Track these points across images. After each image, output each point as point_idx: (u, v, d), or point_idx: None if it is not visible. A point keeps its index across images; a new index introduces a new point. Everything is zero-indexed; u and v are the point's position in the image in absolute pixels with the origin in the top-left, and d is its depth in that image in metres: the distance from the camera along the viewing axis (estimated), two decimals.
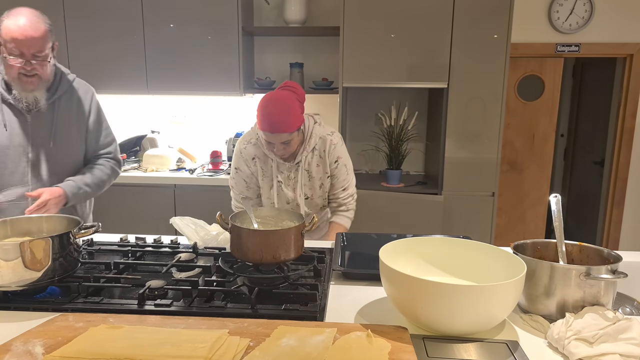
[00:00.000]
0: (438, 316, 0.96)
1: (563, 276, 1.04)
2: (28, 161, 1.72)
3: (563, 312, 1.04)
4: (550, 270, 1.05)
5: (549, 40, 3.53)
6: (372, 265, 1.42)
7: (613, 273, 1.02)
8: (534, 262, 1.08)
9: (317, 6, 3.43)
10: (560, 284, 1.04)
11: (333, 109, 3.49)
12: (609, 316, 0.96)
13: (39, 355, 0.89)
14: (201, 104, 3.64)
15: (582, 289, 1.03)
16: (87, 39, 3.21)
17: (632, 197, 3.76)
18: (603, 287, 1.03)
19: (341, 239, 1.60)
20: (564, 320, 0.97)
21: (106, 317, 1.05)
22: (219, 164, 3.29)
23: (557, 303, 1.05)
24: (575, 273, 1.02)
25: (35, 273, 1.13)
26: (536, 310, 1.08)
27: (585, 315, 0.97)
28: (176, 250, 1.51)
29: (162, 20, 3.18)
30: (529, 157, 3.95)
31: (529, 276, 1.07)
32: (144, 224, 3.12)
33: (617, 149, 3.74)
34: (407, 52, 2.95)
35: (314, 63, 3.49)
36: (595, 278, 1.01)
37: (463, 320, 0.96)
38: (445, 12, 2.88)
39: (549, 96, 3.87)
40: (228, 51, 3.18)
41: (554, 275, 1.05)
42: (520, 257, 1.10)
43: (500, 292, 0.95)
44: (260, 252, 1.24)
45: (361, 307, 1.17)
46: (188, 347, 0.91)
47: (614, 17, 3.47)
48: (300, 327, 0.99)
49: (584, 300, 1.03)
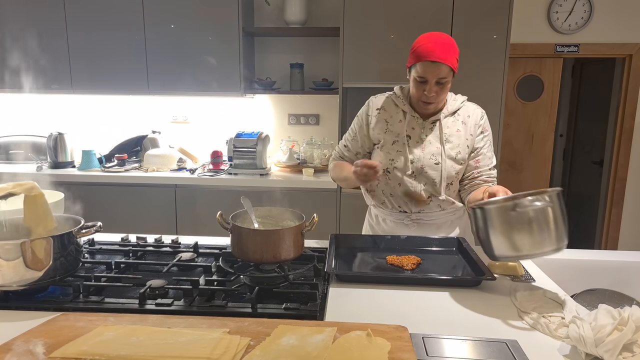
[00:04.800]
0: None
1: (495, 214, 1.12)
2: None
3: (517, 248, 1.10)
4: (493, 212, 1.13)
5: (548, 41, 3.53)
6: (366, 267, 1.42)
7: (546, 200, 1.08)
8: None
9: (318, 7, 3.43)
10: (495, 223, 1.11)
11: (333, 109, 3.49)
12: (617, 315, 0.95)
13: (40, 354, 0.89)
14: (202, 104, 3.64)
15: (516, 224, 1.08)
16: (88, 40, 3.22)
17: (631, 196, 3.76)
18: (535, 218, 1.08)
19: (334, 240, 1.56)
20: (581, 322, 0.95)
21: (107, 316, 1.05)
22: (219, 164, 3.29)
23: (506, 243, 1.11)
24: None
25: (37, 272, 1.13)
26: (516, 251, 1.14)
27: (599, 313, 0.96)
28: (177, 250, 1.51)
29: (163, 21, 3.18)
30: (528, 157, 3.96)
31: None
32: (145, 223, 3.12)
33: (616, 148, 3.75)
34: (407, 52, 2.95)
35: (314, 63, 3.50)
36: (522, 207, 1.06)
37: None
38: (444, 13, 2.89)
39: (548, 96, 3.88)
40: (229, 52, 3.18)
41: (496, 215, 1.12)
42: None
43: None
44: (261, 252, 1.24)
45: (361, 306, 1.17)
46: (189, 346, 0.91)
47: (613, 18, 3.47)
48: (300, 327, 1.00)
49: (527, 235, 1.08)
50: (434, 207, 1.71)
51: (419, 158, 1.66)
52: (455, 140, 1.66)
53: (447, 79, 1.56)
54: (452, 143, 1.66)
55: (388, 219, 1.77)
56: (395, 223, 1.76)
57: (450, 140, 1.66)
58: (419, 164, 1.66)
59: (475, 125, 1.69)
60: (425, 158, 1.66)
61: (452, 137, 1.67)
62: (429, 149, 1.66)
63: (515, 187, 1.70)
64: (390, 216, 1.77)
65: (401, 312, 1.14)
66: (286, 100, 3.60)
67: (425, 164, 1.66)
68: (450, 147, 1.66)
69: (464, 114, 1.70)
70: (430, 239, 1.60)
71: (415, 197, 1.67)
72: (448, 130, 1.67)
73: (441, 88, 1.58)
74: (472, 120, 1.69)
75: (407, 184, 1.68)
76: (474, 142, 1.69)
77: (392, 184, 1.71)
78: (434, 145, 1.66)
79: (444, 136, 1.66)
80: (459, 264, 1.45)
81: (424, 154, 1.66)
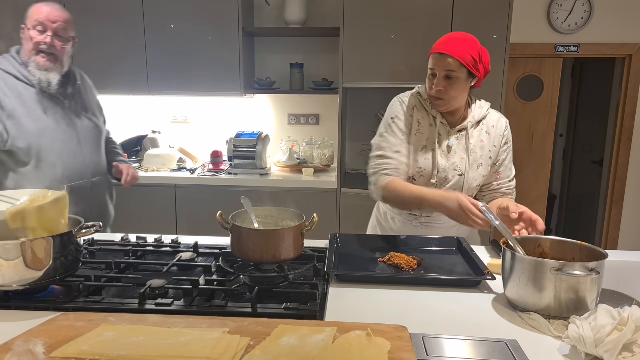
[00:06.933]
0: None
1: (535, 270, 1.06)
2: (79, 142, 1.86)
3: (551, 308, 1.06)
4: (524, 263, 1.08)
5: (548, 41, 3.53)
6: (366, 267, 1.42)
7: (590, 271, 1.03)
8: (513, 255, 1.12)
9: (318, 7, 3.43)
10: (536, 278, 1.06)
11: (333, 109, 3.49)
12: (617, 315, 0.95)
13: (40, 354, 0.89)
14: (202, 104, 3.64)
15: (558, 284, 1.04)
16: (88, 40, 3.21)
17: (631, 196, 3.76)
18: (582, 283, 1.03)
19: (335, 239, 1.57)
20: (581, 322, 0.95)
21: (107, 316, 1.05)
22: (219, 164, 3.30)
23: (542, 298, 1.06)
24: (547, 267, 1.04)
25: (37, 272, 1.13)
26: (526, 306, 1.10)
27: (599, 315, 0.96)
28: (177, 250, 1.51)
29: (163, 21, 3.18)
30: (528, 157, 3.96)
31: (514, 271, 1.11)
32: (145, 223, 3.13)
33: (616, 148, 3.75)
34: (407, 52, 2.96)
35: (314, 63, 3.50)
36: (567, 274, 1.02)
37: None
38: (444, 13, 2.89)
39: (548, 96, 3.88)
40: (229, 52, 3.18)
41: (528, 268, 1.07)
42: (509, 251, 1.14)
43: None
44: (261, 252, 1.24)
45: (361, 306, 1.17)
46: (189, 346, 0.91)
47: (613, 18, 3.47)
48: (300, 327, 1.00)
49: (564, 297, 1.04)
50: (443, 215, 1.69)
51: (444, 168, 1.62)
52: (479, 152, 1.64)
53: (457, 73, 1.52)
54: (476, 154, 1.63)
55: (397, 218, 1.76)
56: (404, 223, 1.75)
57: (474, 151, 1.63)
58: (443, 174, 1.62)
59: (500, 136, 1.66)
60: (450, 169, 1.62)
61: (477, 148, 1.63)
62: (454, 160, 1.63)
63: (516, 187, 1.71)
64: (399, 216, 1.76)
65: (401, 312, 1.14)
66: (286, 100, 3.60)
67: (449, 175, 1.63)
68: (474, 159, 1.63)
69: (488, 123, 1.66)
70: (430, 239, 1.59)
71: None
72: (473, 141, 1.63)
73: (450, 84, 1.54)
74: (497, 131, 1.66)
75: None
76: (498, 154, 1.66)
77: None
78: (459, 155, 1.63)
79: (469, 147, 1.63)
80: (459, 264, 1.45)
81: (448, 164, 1.62)
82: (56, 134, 1.80)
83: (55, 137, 1.80)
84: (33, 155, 1.76)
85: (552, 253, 1.22)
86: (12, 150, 1.75)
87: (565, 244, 1.21)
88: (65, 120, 1.83)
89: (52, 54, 1.74)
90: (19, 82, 1.77)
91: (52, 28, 1.72)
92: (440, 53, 1.53)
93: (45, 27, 1.71)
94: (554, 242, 1.23)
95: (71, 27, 1.80)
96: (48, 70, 1.76)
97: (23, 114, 1.74)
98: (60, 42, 1.75)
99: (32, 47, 1.74)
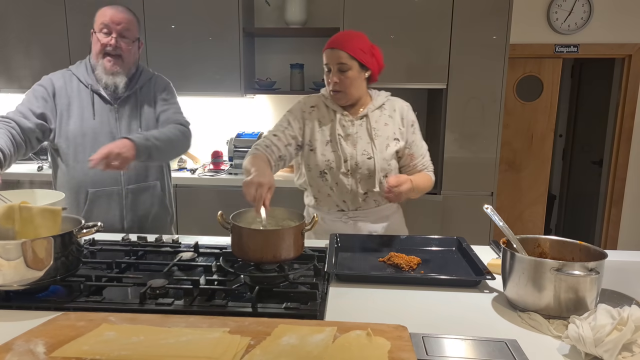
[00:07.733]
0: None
1: (535, 269, 1.06)
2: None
3: (550, 308, 1.06)
4: (524, 263, 1.09)
5: (547, 41, 3.54)
6: (366, 266, 1.43)
7: (589, 271, 1.03)
8: (513, 255, 1.12)
9: (318, 7, 3.43)
10: (535, 278, 1.06)
11: None
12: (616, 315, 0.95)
13: (41, 354, 0.89)
14: (202, 104, 3.64)
15: (558, 284, 1.04)
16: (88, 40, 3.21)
17: (630, 196, 3.77)
18: (582, 283, 1.03)
19: (335, 239, 1.57)
20: (580, 322, 0.95)
21: (108, 316, 1.05)
22: (220, 164, 3.30)
23: (541, 298, 1.06)
24: (547, 267, 1.04)
25: (37, 272, 1.13)
26: (526, 306, 1.10)
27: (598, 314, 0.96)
28: (177, 250, 1.51)
29: (163, 21, 3.18)
30: (528, 157, 3.96)
31: (514, 270, 1.11)
32: None
33: (616, 148, 3.76)
34: (406, 53, 2.96)
35: (314, 64, 3.50)
36: (566, 274, 1.03)
37: None
38: (444, 13, 2.89)
39: (548, 96, 3.88)
40: (229, 52, 3.19)
41: (528, 268, 1.08)
42: (509, 251, 1.14)
43: None
44: (261, 252, 1.24)
45: (361, 306, 1.17)
46: (189, 345, 0.91)
47: (612, 18, 3.48)
48: (300, 326, 1.00)
49: (563, 296, 1.04)
50: (370, 203, 1.77)
51: (352, 155, 1.71)
52: (384, 134, 1.72)
53: (348, 65, 1.63)
54: (381, 137, 1.72)
55: (326, 218, 1.80)
56: (333, 222, 1.79)
57: (379, 135, 1.72)
58: (352, 162, 1.71)
59: (404, 118, 1.76)
60: (358, 154, 1.70)
61: (380, 131, 1.72)
62: (360, 145, 1.71)
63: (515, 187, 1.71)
64: (328, 215, 1.80)
65: (401, 311, 1.14)
66: (286, 100, 3.60)
67: (359, 160, 1.70)
68: (380, 142, 1.71)
69: (390, 107, 1.76)
70: (430, 239, 1.60)
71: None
72: (377, 125, 1.73)
73: (345, 76, 1.64)
74: (400, 113, 1.76)
75: (343, 182, 1.72)
76: (407, 136, 1.76)
77: (330, 184, 1.74)
78: (364, 140, 1.71)
79: (372, 131, 1.71)
80: (459, 263, 1.45)
81: (356, 150, 1.71)
82: (98, 138, 1.77)
83: (95, 141, 1.76)
84: (71, 155, 1.79)
85: (552, 253, 1.23)
86: (57, 146, 1.80)
87: (564, 244, 1.22)
88: (109, 125, 1.80)
89: (118, 55, 1.76)
90: (81, 84, 1.81)
91: (116, 30, 1.74)
92: (332, 48, 1.65)
93: (110, 29, 1.73)
94: (553, 242, 1.23)
95: (136, 28, 1.82)
96: (114, 74, 1.77)
97: (73, 114, 1.77)
98: (125, 43, 1.76)
99: (99, 49, 1.76)
